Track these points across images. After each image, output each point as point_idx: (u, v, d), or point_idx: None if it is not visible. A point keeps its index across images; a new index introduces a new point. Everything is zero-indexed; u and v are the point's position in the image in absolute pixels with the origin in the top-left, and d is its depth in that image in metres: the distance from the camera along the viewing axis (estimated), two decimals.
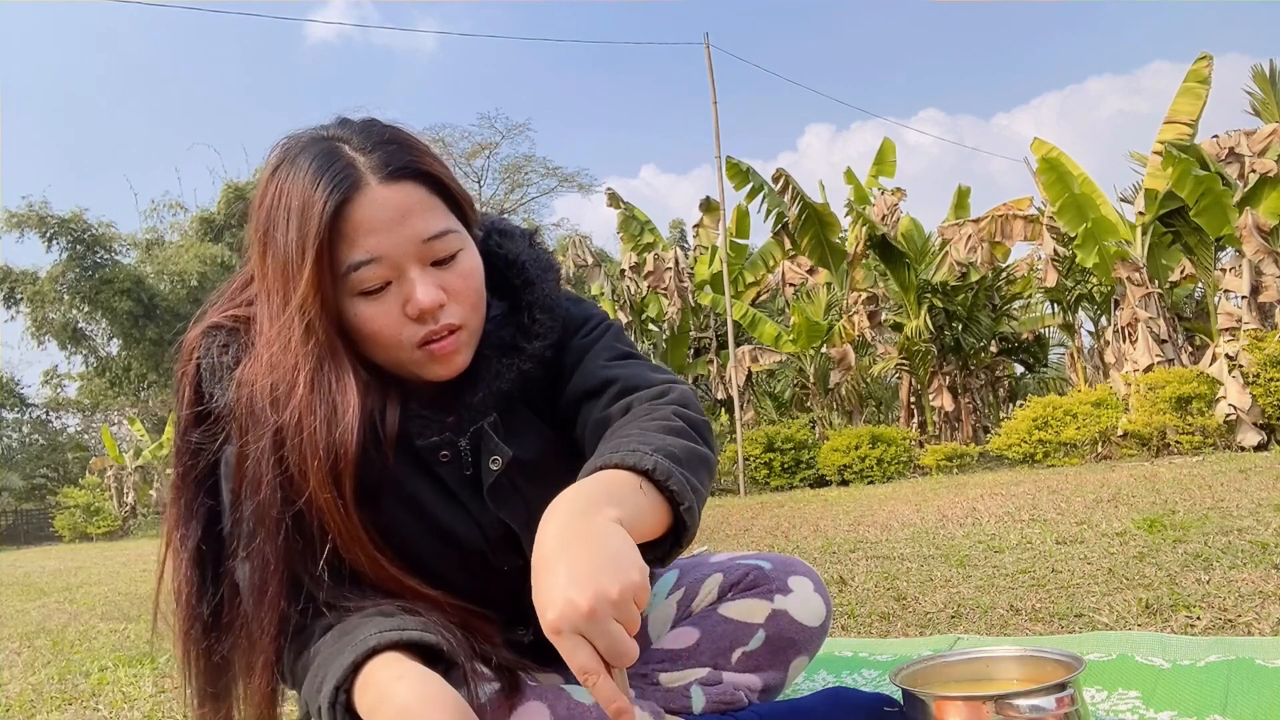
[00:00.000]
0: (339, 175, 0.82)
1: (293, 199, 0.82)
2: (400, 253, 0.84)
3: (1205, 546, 2.52)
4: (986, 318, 10.50)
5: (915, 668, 1.01)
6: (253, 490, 0.81)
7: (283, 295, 0.83)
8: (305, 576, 0.83)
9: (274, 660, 0.81)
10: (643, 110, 51.82)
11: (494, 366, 0.94)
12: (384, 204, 0.83)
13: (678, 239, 22.45)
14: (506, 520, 0.96)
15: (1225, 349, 7.39)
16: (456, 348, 0.88)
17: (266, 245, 0.84)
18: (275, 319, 0.83)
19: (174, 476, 0.89)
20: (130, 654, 2.80)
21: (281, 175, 0.85)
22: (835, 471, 9.04)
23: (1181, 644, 1.46)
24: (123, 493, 18.68)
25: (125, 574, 6.59)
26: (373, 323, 0.85)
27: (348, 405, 0.82)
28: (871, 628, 2.01)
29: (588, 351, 0.99)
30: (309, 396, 0.81)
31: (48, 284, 21.52)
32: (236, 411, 0.83)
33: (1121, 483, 4.99)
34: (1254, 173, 7.96)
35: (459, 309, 0.87)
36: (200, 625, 0.86)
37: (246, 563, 0.82)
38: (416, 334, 0.86)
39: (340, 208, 0.81)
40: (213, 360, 0.87)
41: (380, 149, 0.85)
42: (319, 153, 0.84)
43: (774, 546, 3.99)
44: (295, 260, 0.82)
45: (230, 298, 0.93)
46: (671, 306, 11.93)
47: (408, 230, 0.84)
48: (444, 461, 0.94)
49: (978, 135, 52.34)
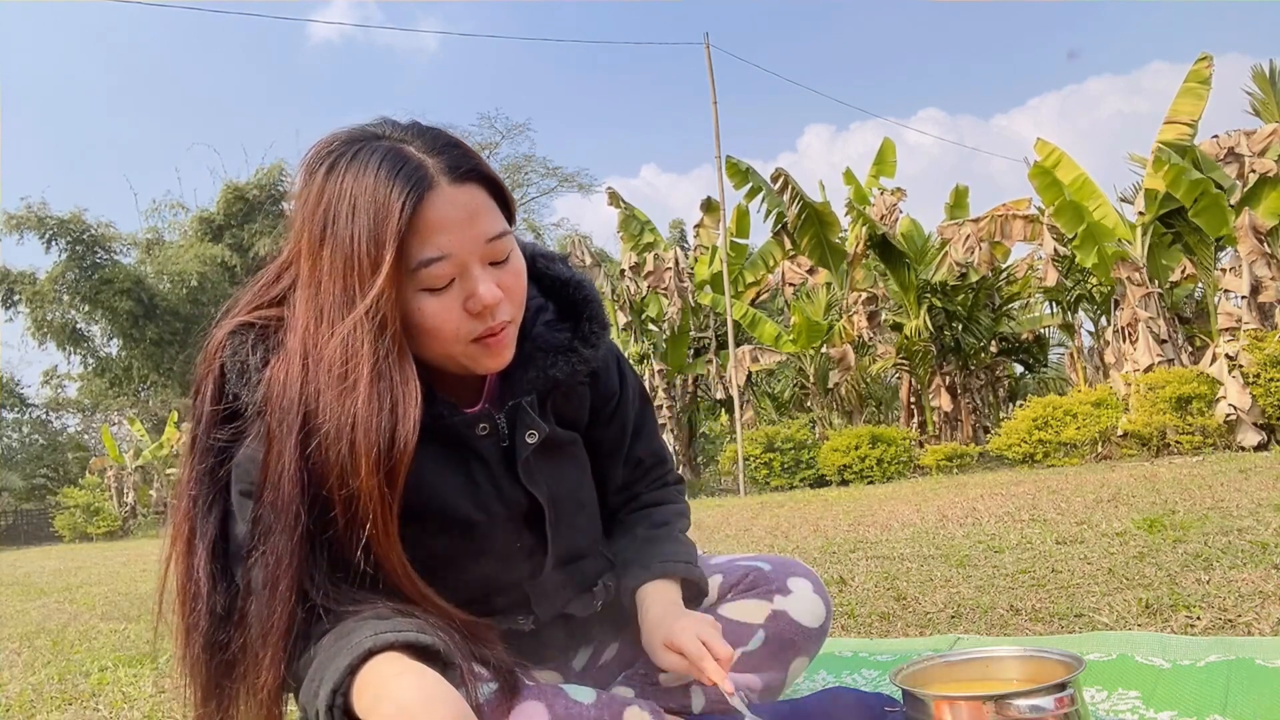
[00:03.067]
0: (414, 175, 0.85)
1: (360, 196, 0.84)
2: (467, 251, 0.87)
3: (1205, 546, 2.52)
4: (986, 318, 10.50)
5: (915, 668, 1.01)
6: (275, 487, 0.82)
7: (344, 289, 0.84)
8: (311, 576, 0.83)
9: (282, 655, 0.81)
10: (643, 110, 51.78)
11: (549, 358, 1.01)
12: (454, 204, 0.86)
13: (678, 239, 22.45)
14: (535, 493, 1.02)
15: (1225, 349, 7.38)
16: (508, 342, 0.93)
17: (324, 241, 0.85)
18: (332, 313, 0.84)
19: (189, 473, 0.89)
20: (130, 654, 2.80)
21: (342, 173, 0.86)
22: (835, 471, 9.04)
23: (1181, 644, 1.46)
24: (123, 493, 18.68)
25: (125, 574, 6.59)
26: (436, 318, 0.87)
27: (410, 398, 0.85)
28: (871, 628, 2.01)
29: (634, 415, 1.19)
30: (371, 387, 0.83)
31: (47, 285, 21.51)
32: (269, 409, 0.85)
33: (1121, 483, 4.99)
34: (1254, 173, 7.96)
35: (510, 306, 0.92)
36: (213, 621, 0.86)
37: (260, 561, 0.83)
38: (475, 330, 0.89)
39: (416, 206, 0.84)
40: (241, 360, 0.88)
41: (446, 151, 0.88)
42: (386, 152, 0.86)
43: (774, 547, 3.99)
44: (367, 256, 0.83)
45: (259, 294, 0.95)
46: (671, 306, 11.92)
47: (475, 230, 0.88)
48: (482, 435, 0.99)
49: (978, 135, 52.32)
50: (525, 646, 1.05)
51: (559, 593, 1.09)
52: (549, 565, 1.05)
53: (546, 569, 1.05)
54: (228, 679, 0.86)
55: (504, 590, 1.04)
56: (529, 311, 1.02)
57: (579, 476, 1.11)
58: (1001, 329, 10.95)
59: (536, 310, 1.04)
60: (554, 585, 1.08)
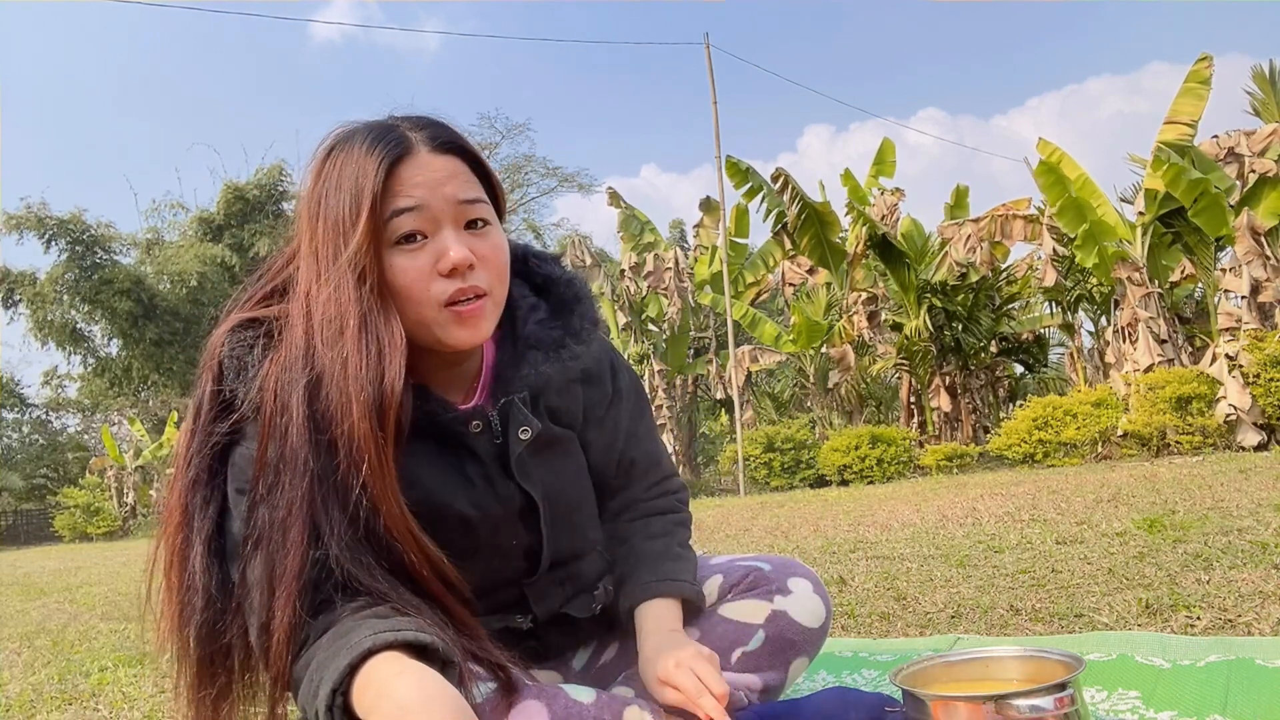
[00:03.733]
0: (393, 140, 0.91)
1: (346, 168, 0.90)
2: (438, 207, 0.90)
3: (1205, 546, 2.52)
4: (986, 318, 10.49)
5: (915, 668, 1.01)
6: (281, 438, 0.85)
7: (334, 251, 0.88)
8: (324, 526, 0.84)
9: (296, 596, 0.81)
10: (643, 110, 51.77)
11: (541, 356, 1.02)
12: (430, 166, 0.91)
13: (678, 239, 22.45)
14: (529, 489, 1.02)
15: (1225, 349, 7.38)
16: (482, 313, 0.93)
17: (318, 216, 0.90)
18: (324, 272, 0.88)
19: (190, 471, 0.89)
20: (130, 654, 2.80)
21: (335, 157, 0.92)
22: (835, 471, 9.04)
23: (1181, 644, 1.46)
24: (123, 493, 18.68)
25: (125, 574, 6.59)
26: (405, 274, 0.89)
27: (395, 346, 0.87)
28: (871, 628, 2.01)
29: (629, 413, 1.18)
30: (359, 336, 0.86)
31: (47, 285, 21.49)
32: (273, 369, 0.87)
33: (1121, 483, 4.99)
34: (1253, 173, 7.96)
35: (486, 275, 0.93)
36: (208, 609, 0.86)
37: (268, 510, 0.84)
38: (445, 291, 0.90)
39: (392, 166, 0.89)
40: (239, 356, 0.90)
41: (431, 127, 0.94)
42: (372, 129, 0.92)
43: (774, 547, 3.98)
44: (349, 217, 0.88)
45: (261, 287, 0.98)
46: (671, 306, 11.93)
47: (448, 189, 0.91)
48: (475, 432, 0.99)
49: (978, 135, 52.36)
50: (524, 646, 1.05)
51: (556, 592, 1.09)
52: (545, 563, 1.05)
53: (542, 567, 1.05)
54: (224, 666, 0.86)
55: (501, 588, 1.04)
56: (522, 310, 1.04)
57: (575, 474, 1.11)
58: (1001, 329, 10.94)
59: (529, 309, 1.05)
60: (551, 584, 1.08)
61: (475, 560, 0.99)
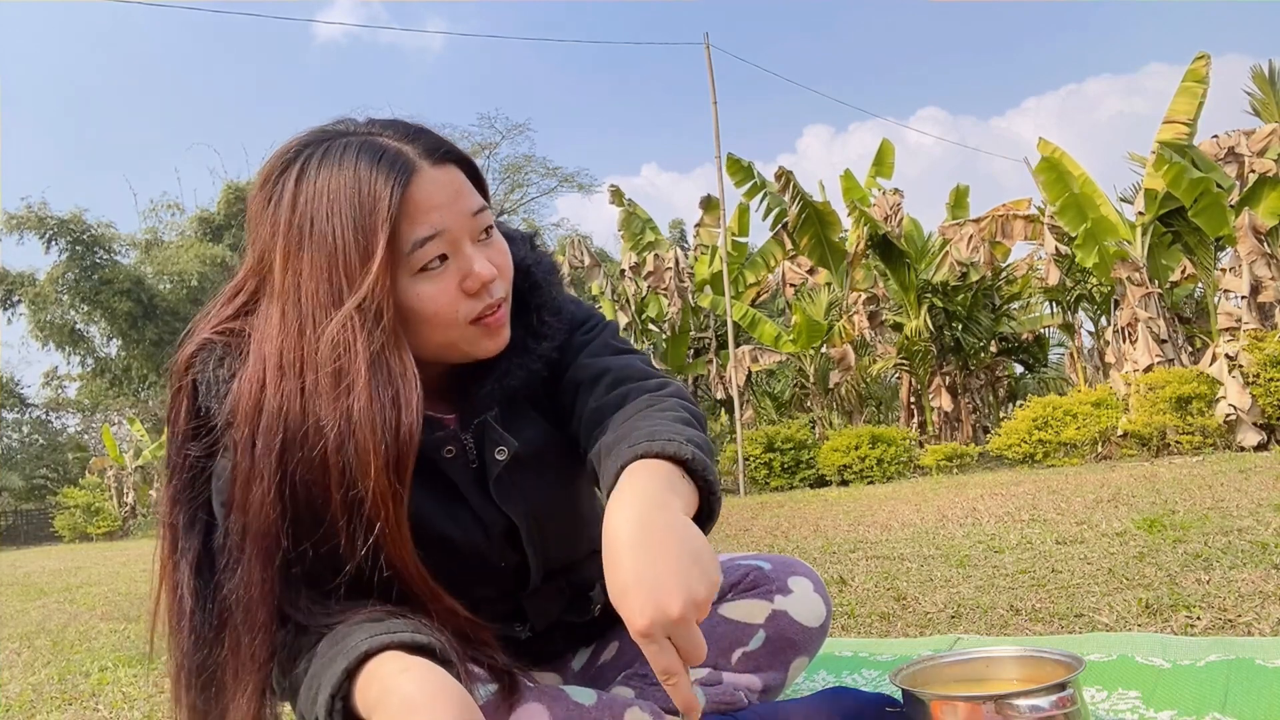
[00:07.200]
0: (396, 161, 0.84)
1: (340, 191, 0.82)
2: (459, 227, 0.87)
3: (1205, 546, 2.52)
4: (986, 318, 10.49)
5: (915, 668, 1.01)
6: (245, 510, 0.79)
7: (330, 289, 0.81)
8: (292, 601, 0.81)
9: (261, 688, 0.79)
10: (643, 110, 51.86)
11: (502, 364, 0.95)
12: (438, 183, 0.86)
13: (678, 239, 22.44)
14: (509, 513, 0.98)
15: (1225, 349, 7.38)
16: (504, 319, 0.91)
17: (303, 245, 0.83)
18: (317, 315, 0.81)
19: (170, 490, 0.88)
20: (130, 654, 2.80)
21: (313, 175, 0.84)
22: (835, 471, 9.04)
23: (1181, 644, 1.46)
24: (123, 493, 18.67)
25: (125, 574, 6.59)
26: (435, 301, 0.86)
27: (410, 385, 0.82)
28: (871, 628, 2.01)
29: (586, 346, 1.02)
30: (370, 382, 0.80)
31: (47, 285, 21.49)
32: (236, 426, 0.81)
33: (1121, 483, 4.99)
34: (1253, 173, 7.96)
35: (502, 283, 0.91)
36: (197, 642, 0.84)
37: (234, 590, 0.80)
38: (472, 310, 0.88)
39: (405, 190, 0.83)
40: (209, 375, 0.86)
41: (420, 136, 0.88)
42: (361, 145, 0.84)
43: (774, 546, 3.98)
44: (355, 247, 0.81)
45: (220, 311, 0.92)
46: (671, 306, 11.92)
47: (461, 205, 0.87)
48: (448, 457, 0.95)
49: (978, 136, 52.38)
50: (523, 649, 1.04)
51: (553, 602, 1.08)
52: (534, 581, 1.03)
53: (532, 584, 1.04)
54: (213, 703, 0.84)
55: (496, 601, 1.03)
56: None
57: (561, 484, 1.05)
58: (1001, 329, 10.94)
59: None
60: (547, 596, 1.06)
61: (466, 579, 0.96)
